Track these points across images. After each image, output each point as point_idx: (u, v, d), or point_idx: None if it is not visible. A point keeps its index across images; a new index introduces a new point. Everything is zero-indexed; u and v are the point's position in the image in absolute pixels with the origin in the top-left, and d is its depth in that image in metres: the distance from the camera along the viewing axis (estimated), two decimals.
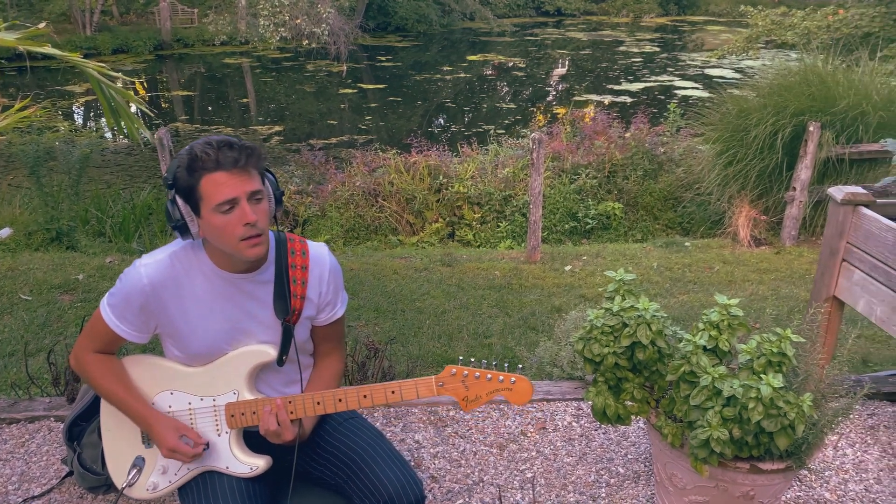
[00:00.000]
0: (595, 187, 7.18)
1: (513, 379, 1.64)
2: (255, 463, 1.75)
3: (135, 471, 1.76)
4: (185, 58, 22.89)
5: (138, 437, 1.78)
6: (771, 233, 6.14)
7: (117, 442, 1.80)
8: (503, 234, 6.90)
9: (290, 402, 1.71)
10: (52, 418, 2.82)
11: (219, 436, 1.75)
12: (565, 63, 22.95)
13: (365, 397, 1.70)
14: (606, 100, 16.36)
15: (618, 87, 18.18)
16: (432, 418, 2.87)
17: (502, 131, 12.64)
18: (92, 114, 15.79)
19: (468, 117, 15.64)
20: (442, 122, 15.30)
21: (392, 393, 1.69)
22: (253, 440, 1.78)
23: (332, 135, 13.62)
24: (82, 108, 16.11)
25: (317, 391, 1.75)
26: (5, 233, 5.87)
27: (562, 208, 7.00)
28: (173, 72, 21.29)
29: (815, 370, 2.05)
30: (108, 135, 12.53)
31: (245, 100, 17.53)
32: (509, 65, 22.37)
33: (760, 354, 1.93)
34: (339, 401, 1.71)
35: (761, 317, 4.07)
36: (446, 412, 2.91)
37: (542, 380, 3.17)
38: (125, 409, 1.73)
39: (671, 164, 7.37)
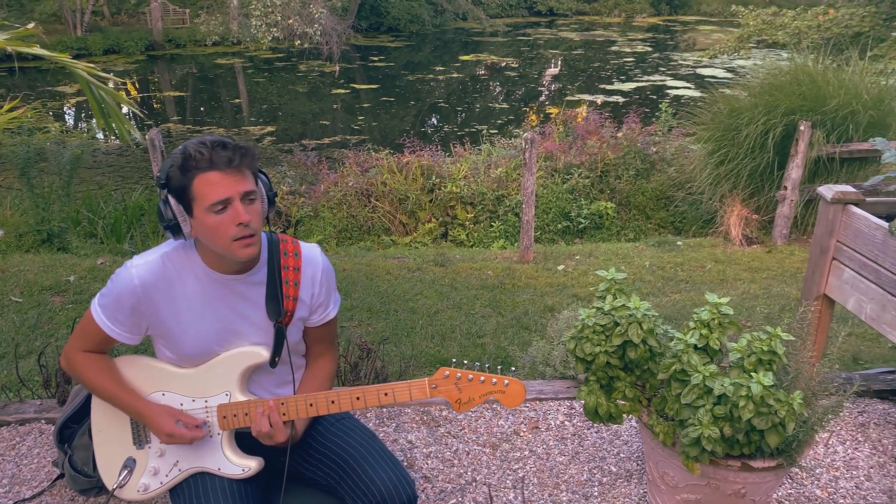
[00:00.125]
0: (587, 187, 7.19)
1: (506, 381, 1.64)
2: (247, 464, 1.74)
3: (126, 472, 1.75)
4: (176, 58, 22.82)
5: (129, 437, 1.77)
6: (762, 232, 6.17)
7: (108, 443, 1.79)
8: (496, 234, 6.91)
9: (283, 404, 1.71)
10: (42, 420, 2.80)
11: (210, 437, 1.74)
12: (558, 63, 22.99)
13: (358, 399, 1.70)
14: (599, 100, 16.41)
15: (610, 86, 18.22)
16: (425, 418, 2.87)
17: (495, 131, 12.65)
18: (83, 115, 15.71)
19: (461, 117, 15.65)
20: (435, 123, 15.30)
21: (385, 395, 1.69)
22: (245, 441, 1.77)
23: (324, 135, 13.60)
24: (73, 109, 16.04)
25: (309, 393, 1.75)
26: None
27: (554, 208, 7.02)
28: (165, 72, 21.23)
29: (805, 368, 2.06)
30: (100, 136, 12.48)
31: (237, 100, 17.49)
32: (502, 65, 22.39)
33: (751, 353, 1.94)
34: (332, 402, 1.70)
35: (752, 315, 4.09)
36: (439, 412, 2.91)
37: (535, 379, 3.18)
38: (118, 404, 1.73)
39: (663, 163, 7.40)
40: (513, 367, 1.70)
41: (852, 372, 3.33)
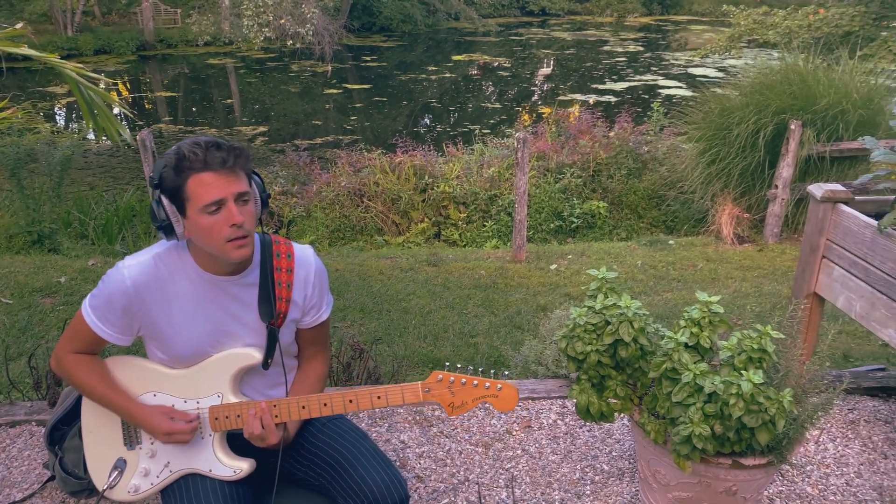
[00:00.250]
0: (580, 186, 7.21)
1: (499, 386, 1.65)
2: (239, 466, 1.74)
3: (116, 473, 1.74)
4: (168, 58, 22.74)
5: (120, 438, 1.76)
6: (754, 230, 6.19)
7: (98, 444, 1.78)
8: (489, 234, 6.91)
9: (275, 406, 1.70)
10: (33, 422, 2.79)
11: (202, 438, 1.74)
12: (550, 63, 23.03)
13: (350, 402, 1.69)
14: (591, 99, 16.44)
15: (602, 86, 18.26)
16: (418, 418, 2.87)
17: (487, 131, 12.66)
18: (74, 115, 15.64)
19: (454, 117, 15.65)
20: (427, 122, 15.30)
21: (378, 398, 1.69)
22: (237, 442, 1.77)
23: (316, 135, 13.58)
24: (64, 110, 15.96)
25: (302, 395, 1.74)
26: None
27: (547, 207, 7.03)
28: (156, 72, 21.15)
29: (795, 366, 2.07)
30: (91, 136, 12.41)
31: (229, 100, 17.44)
32: (494, 65, 22.40)
33: (741, 351, 1.94)
34: (325, 405, 1.70)
35: (743, 314, 4.11)
36: (432, 412, 2.91)
37: (528, 378, 3.18)
38: (110, 406, 1.72)
39: (655, 162, 7.42)
40: (506, 371, 1.69)
41: (842, 369, 3.35)
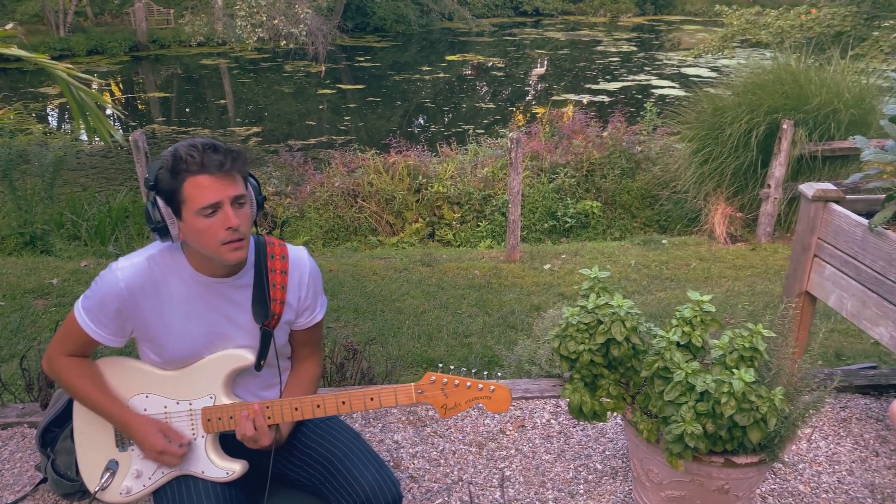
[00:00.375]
0: (573, 186, 7.22)
1: (492, 387, 1.65)
2: (231, 467, 1.73)
3: (108, 474, 1.74)
4: (161, 59, 22.67)
5: (112, 440, 1.76)
6: (746, 230, 6.22)
7: (90, 445, 1.78)
8: (483, 234, 6.92)
9: (268, 408, 1.70)
10: (25, 424, 2.78)
11: (195, 440, 1.73)
12: (544, 63, 23.05)
13: (343, 403, 1.69)
14: (585, 99, 16.45)
15: (596, 86, 18.28)
16: (411, 418, 2.87)
17: (482, 131, 12.66)
18: (66, 116, 15.57)
19: (448, 117, 15.65)
20: (422, 123, 15.30)
21: (371, 400, 1.69)
22: (229, 443, 1.77)
23: (310, 135, 13.56)
24: (56, 111, 15.88)
25: (295, 396, 1.74)
26: None
27: (541, 207, 7.04)
28: (149, 73, 21.08)
29: (787, 364, 2.07)
30: (83, 137, 12.36)
31: (223, 101, 17.39)
32: (488, 65, 22.41)
33: (733, 350, 1.95)
34: (318, 407, 1.70)
35: (736, 313, 4.12)
36: (425, 412, 2.91)
37: (521, 378, 3.19)
38: (103, 413, 1.71)
39: (648, 162, 7.44)
40: (499, 374, 1.69)
41: (834, 368, 3.36)
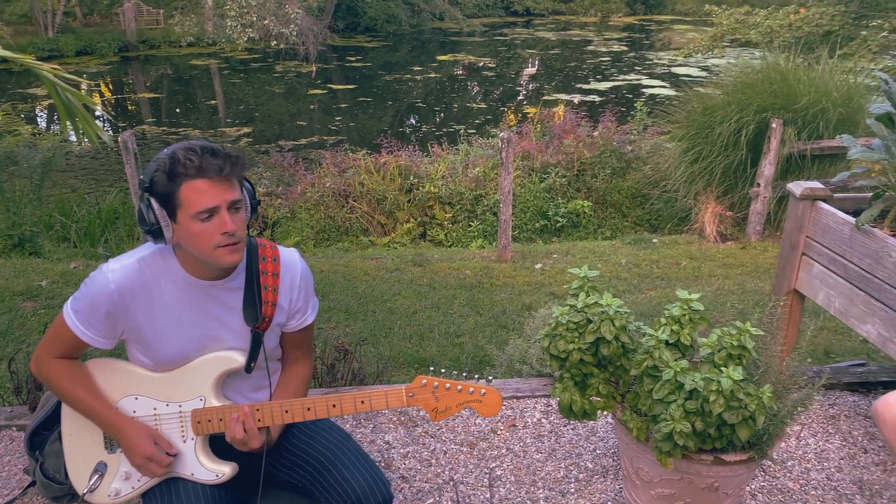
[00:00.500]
0: (564, 186, 7.23)
1: (483, 391, 1.65)
2: (221, 470, 1.73)
3: (96, 476, 1.73)
4: (151, 59, 22.57)
5: (100, 441, 1.75)
6: (736, 228, 6.24)
7: (78, 447, 1.77)
8: (474, 234, 6.92)
9: (258, 410, 1.69)
10: (13, 427, 2.76)
11: (184, 442, 1.72)
12: (535, 63, 23.09)
13: (334, 406, 1.69)
14: (576, 99, 16.49)
15: (587, 86, 18.33)
16: (402, 419, 2.87)
17: (473, 131, 12.67)
18: (55, 117, 15.47)
19: (439, 117, 15.65)
20: (413, 123, 15.30)
21: (362, 403, 1.69)
22: (219, 444, 1.76)
23: (301, 136, 13.54)
24: (45, 112, 15.79)
25: (285, 398, 1.73)
26: None
27: (532, 207, 7.05)
28: (139, 73, 20.99)
29: (775, 362, 2.09)
30: (72, 138, 12.30)
31: (213, 101, 17.33)
32: (479, 65, 22.42)
33: (721, 348, 1.96)
34: (308, 409, 1.70)
35: (724, 311, 4.14)
36: (416, 412, 2.91)
37: (512, 377, 3.19)
38: (92, 416, 1.70)
39: (639, 161, 7.46)
40: (490, 378, 1.70)
41: (824, 365, 3.38)
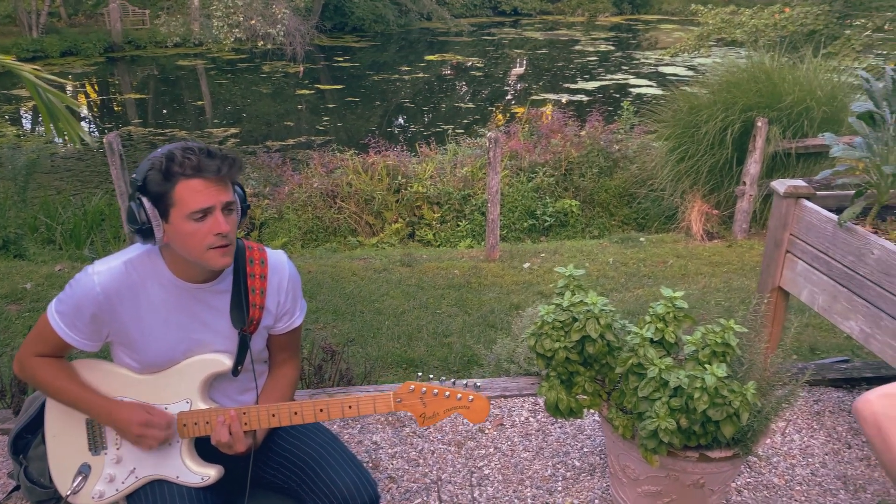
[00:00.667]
0: (552, 185, 7.25)
1: (470, 397, 1.65)
2: (207, 473, 1.72)
3: (80, 478, 1.71)
4: (137, 60, 22.45)
5: (84, 443, 1.73)
6: (723, 226, 6.28)
7: (62, 448, 1.75)
8: (463, 234, 6.93)
9: (245, 414, 1.68)
10: None
11: (170, 445, 1.71)
12: (523, 62, 23.13)
13: (321, 411, 1.69)
14: (564, 98, 16.54)
15: (574, 85, 18.39)
16: (390, 419, 2.87)
17: (461, 131, 12.68)
18: (40, 118, 15.34)
19: (427, 117, 15.65)
20: (401, 123, 15.29)
21: (349, 408, 1.68)
22: (205, 446, 1.75)
23: (289, 136, 13.50)
24: (30, 113, 15.66)
25: (272, 401, 1.73)
26: None
27: (520, 206, 7.06)
28: (125, 74, 20.86)
29: (759, 359, 2.10)
30: (58, 140, 12.21)
31: (200, 102, 17.25)
32: (467, 64, 22.44)
33: (705, 345, 1.97)
34: (295, 414, 1.69)
35: (709, 309, 4.17)
36: (404, 412, 2.91)
37: (500, 376, 3.19)
38: (80, 405, 1.68)
39: (626, 161, 7.49)
40: (478, 383, 1.70)
41: (808, 362, 3.41)
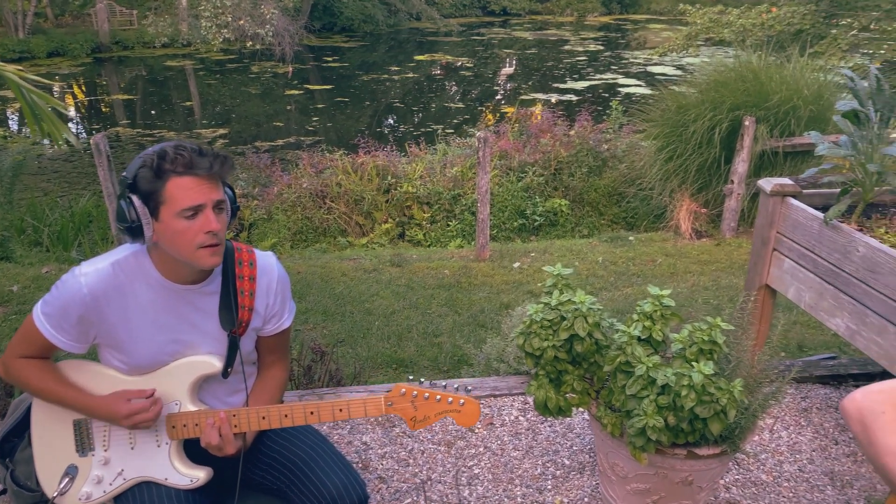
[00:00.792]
0: (542, 185, 7.26)
1: (461, 401, 1.65)
2: (195, 475, 1.71)
3: (67, 479, 1.70)
4: (124, 60, 22.32)
5: (72, 445, 1.72)
6: (711, 225, 6.31)
7: (49, 449, 1.74)
8: (453, 233, 6.93)
9: (234, 416, 1.68)
10: None
11: (158, 447, 1.71)
12: (512, 62, 23.17)
13: (312, 414, 1.68)
14: (553, 98, 16.58)
15: (563, 85, 18.44)
16: (380, 419, 2.87)
17: (451, 131, 12.69)
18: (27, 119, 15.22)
19: (417, 117, 15.64)
20: (391, 123, 15.28)
21: (340, 411, 1.68)
22: (195, 448, 1.74)
23: (278, 136, 13.46)
24: (16, 114, 15.54)
25: (261, 403, 1.72)
26: None
27: (510, 206, 7.07)
28: (113, 75, 20.74)
29: (746, 357, 2.11)
30: (45, 141, 12.13)
31: (189, 103, 17.18)
32: (457, 64, 22.45)
33: (692, 343, 1.98)
34: (286, 416, 1.68)
35: (697, 307, 4.19)
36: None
37: (490, 376, 3.20)
38: (66, 403, 1.67)
39: (615, 160, 7.51)
40: (469, 387, 1.70)
41: (796, 359, 3.44)
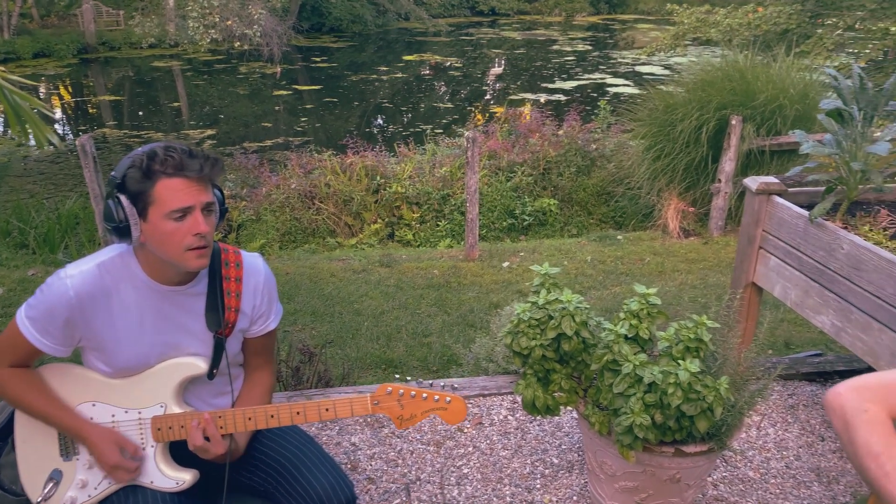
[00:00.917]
0: (531, 184, 7.28)
1: (448, 399, 1.66)
2: (182, 477, 1.70)
3: (51, 484, 1.68)
4: (111, 61, 22.17)
5: (56, 448, 1.70)
6: (699, 224, 6.34)
7: (33, 454, 1.72)
8: (443, 233, 6.93)
9: (220, 417, 1.67)
10: None
11: (144, 450, 1.70)
12: (501, 62, 23.20)
13: (298, 414, 1.68)
14: (542, 98, 16.60)
15: (552, 85, 18.47)
16: (369, 420, 2.87)
17: (440, 131, 12.68)
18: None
19: (406, 117, 15.63)
20: (380, 123, 15.25)
21: (326, 411, 1.68)
22: (181, 451, 1.73)
23: (266, 137, 13.41)
24: (2, 116, 15.40)
25: (248, 406, 1.71)
26: None
27: (499, 206, 7.08)
28: (99, 76, 20.59)
29: (732, 354, 2.13)
30: (31, 142, 12.03)
31: (176, 103, 17.08)
32: (446, 64, 22.45)
33: (678, 341, 1.99)
34: (272, 417, 1.68)
35: (684, 305, 4.20)
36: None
37: (479, 375, 3.20)
38: (53, 423, 1.65)
39: (603, 159, 7.54)
40: (454, 385, 1.70)
41: (783, 356, 3.46)
